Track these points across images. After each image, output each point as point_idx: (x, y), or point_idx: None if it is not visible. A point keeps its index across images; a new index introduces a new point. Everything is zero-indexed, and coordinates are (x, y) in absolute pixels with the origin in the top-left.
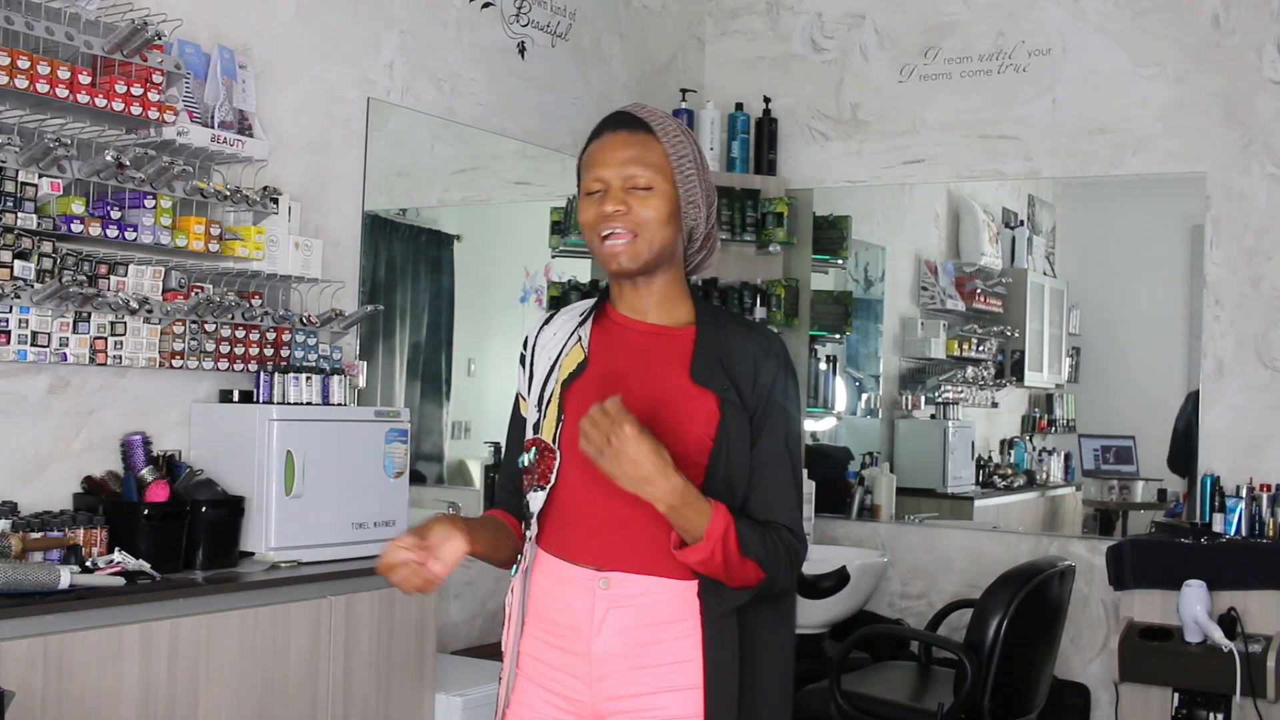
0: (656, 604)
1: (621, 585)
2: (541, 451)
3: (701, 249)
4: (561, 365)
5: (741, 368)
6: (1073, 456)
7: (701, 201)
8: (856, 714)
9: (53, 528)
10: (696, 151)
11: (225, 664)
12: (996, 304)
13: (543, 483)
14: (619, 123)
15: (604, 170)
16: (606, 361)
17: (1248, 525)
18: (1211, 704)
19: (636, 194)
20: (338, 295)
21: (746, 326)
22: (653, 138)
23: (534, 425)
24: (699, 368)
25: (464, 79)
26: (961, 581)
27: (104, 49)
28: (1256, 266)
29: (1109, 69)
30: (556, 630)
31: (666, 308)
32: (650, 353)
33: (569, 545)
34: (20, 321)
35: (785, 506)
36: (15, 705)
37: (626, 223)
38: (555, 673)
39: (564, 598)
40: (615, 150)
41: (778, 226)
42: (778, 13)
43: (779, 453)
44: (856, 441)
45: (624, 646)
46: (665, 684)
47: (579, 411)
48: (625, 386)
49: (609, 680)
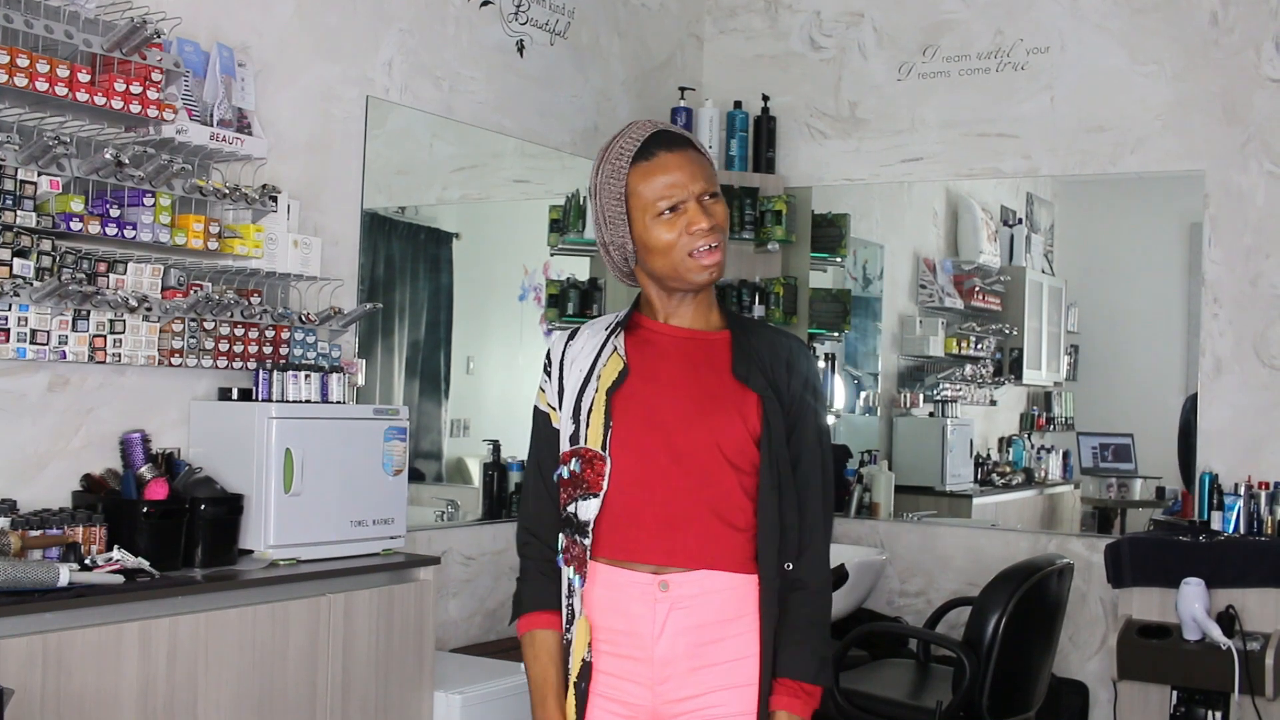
0: (715, 602)
1: (681, 586)
2: (589, 460)
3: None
4: (601, 375)
5: (775, 367)
6: (1071, 454)
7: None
8: (855, 712)
9: (52, 525)
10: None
11: (224, 662)
12: (995, 302)
13: (595, 490)
14: (669, 142)
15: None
16: (649, 367)
17: (1246, 523)
18: (1210, 702)
19: (711, 204)
20: (337, 293)
21: (771, 330)
22: (702, 154)
23: (570, 437)
24: (739, 367)
25: (463, 77)
26: (960, 579)
27: (103, 47)
28: (1255, 264)
29: (1107, 67)
30: (614, 638)
31: (702, 314)
32: (691, 355)
33: (630, 548)
34: (19, 319)
35: (819, 499)
36: (14, 703)
37: (719, 236)
38: (616, 680)
39: (622, 605)
40: (685, 167)
41: (776, 224)
42: (776, 11)
43: (813, 446)
44: (855, 439)
45: (686, 647)
46: (724, 682)
47: (627, 417)
48: (672, 387)
49: (671, 682)
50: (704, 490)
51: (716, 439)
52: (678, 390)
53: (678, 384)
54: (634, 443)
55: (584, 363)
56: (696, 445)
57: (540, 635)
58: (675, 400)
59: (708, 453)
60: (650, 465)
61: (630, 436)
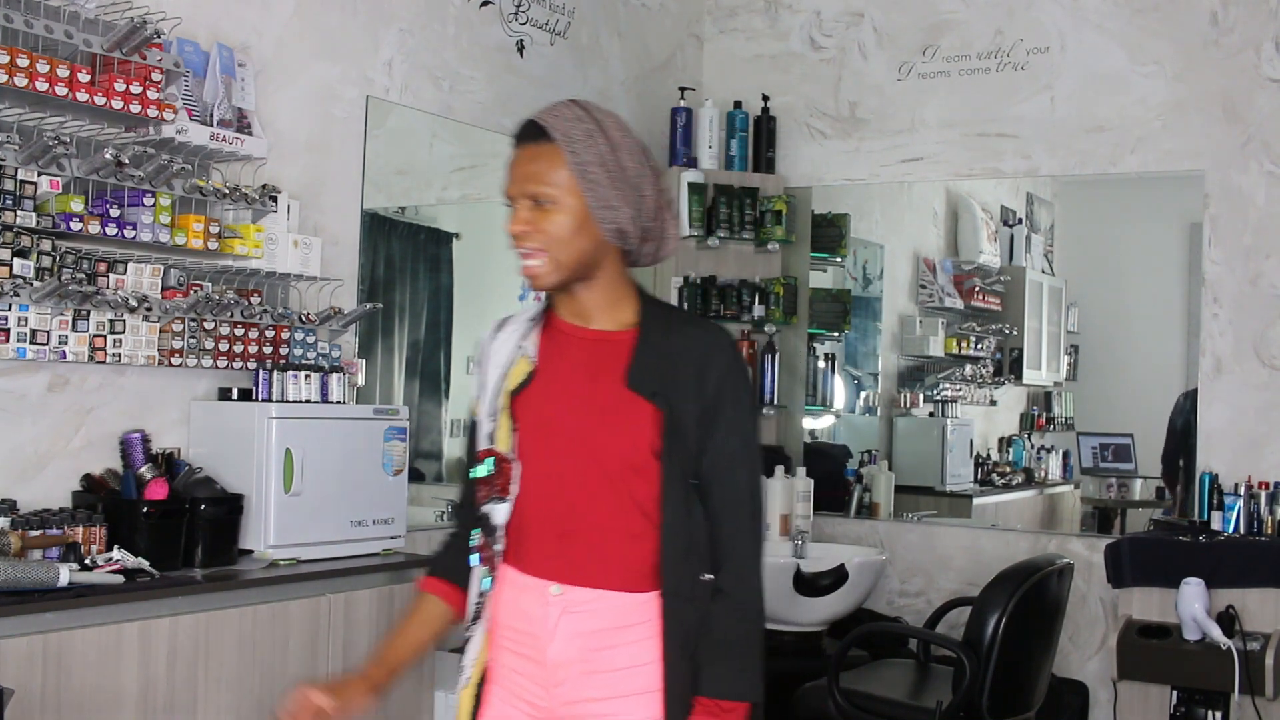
0: (610, 609)
1: (574, 592)
2: (499, 462)
3: (647, 241)
4: (510, 375)
5: (684, 370)
6: (1071, 454)
7: (621, 201)
8: (855, 712)
9: (52, 525)
10: (609, 149)
11: (224, 661)
12: (995, 302)
13: (504, 494)
14: (523, 135)
15: (510, 188)
16: (552, 371)
17: (1246, 523)
18: (1210, 702)
19: (541, 210)
20: (336, 293)
21: (693, 325)
22: (555, 147)
23: (488, 435)
24: (635, 375)
25: (463, 77)
26: (960, 579)
27: (103, 47)
28: (1255, 264)
29: (1107, 67)
30: (517, 637)
31: (609, 312)
32: (591, 360)
33: (524, 558)
34: (20, 319)
35: (744, 508)
36: (14, 703)
37: (535, 241)
38: (519, 678)
39: (522, 605)
40: (518, 166)
41: (776, 225)
42: (776, 11)
43: (734, 453)
44: (855, 439)
45: (579, 652)
46: (619, 689)
47: (527, 423)
48: (567, 396)
49: (566, 685)
50: (597, 507)
51: (603, 455)
52: (572, 400)
53: (572, 393)
54: (532, 451)
55: (501, 358)
56: (590, 460)
57: (427, 599)
58: (568, 411)
59: (595, 468)
60: (545, 477)
61: (529, 444)
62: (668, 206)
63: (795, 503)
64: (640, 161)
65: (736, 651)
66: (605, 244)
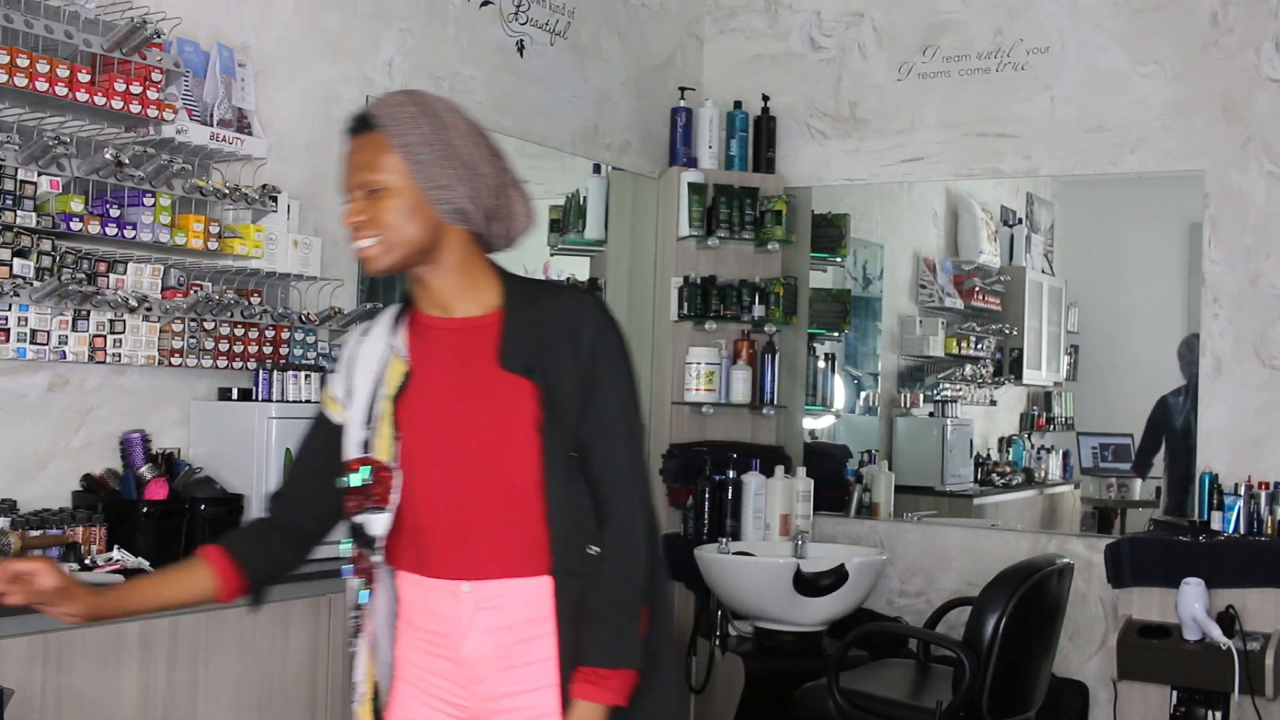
0: (521, 602)
1: (484, 587)
2: (378, 471)
3: (494, 221)
4: (388, 380)
5: (557, 341)
6: (1071, 454)
7: (455, 180)
8: (855, 712)
9: (52, 525)
10: (435, 130)
11: (224, 662)
12: (995, 302)
13: (383, 504)
14: (351, 128)
15: (351, 177)
16: (425, 368)
17: (1246, 523)
18: (1210, 702)
19: (374, 198)
20: (336, 293)
21: (559, 294)
22: (380, 134)
23: (362, 444)
24: (507, 354)
25: (463, 77)
26: (960, 579)
27: (103, 47)
28: (1255, 264)
29: (1107, 67)
30: (429, 637)
31: (470, 296)
32: (461, 349)
33: (426, 563)
34: (19, 319)
35: (624, 474)
36: (15, 702)
37: (371, 229)
38: (434, 678)
39: (431, 605)
40: (348, 158)
41: (776, 224)
42: (776, 11)
43: (612, 419)
44: (855, 439)
45: (495, 648)
46: (538, 682)
47: (411, 426)
48: (446, 389)
49: (484, 682)
50: (491, 497)
51: (490, 443)
52: (452, 392)
53: (451, 385)
54: (419, 454)
55: (372, 363)
56: (476, 451)
57: (198, 565)
58: (447, 406)
59: (489, 457)
60: (435, 478)
61: (415, 447)
62: (514, 185)
63: (795, 503)
64: (473, 141)
65: (614, 618)
66: (445, 226)
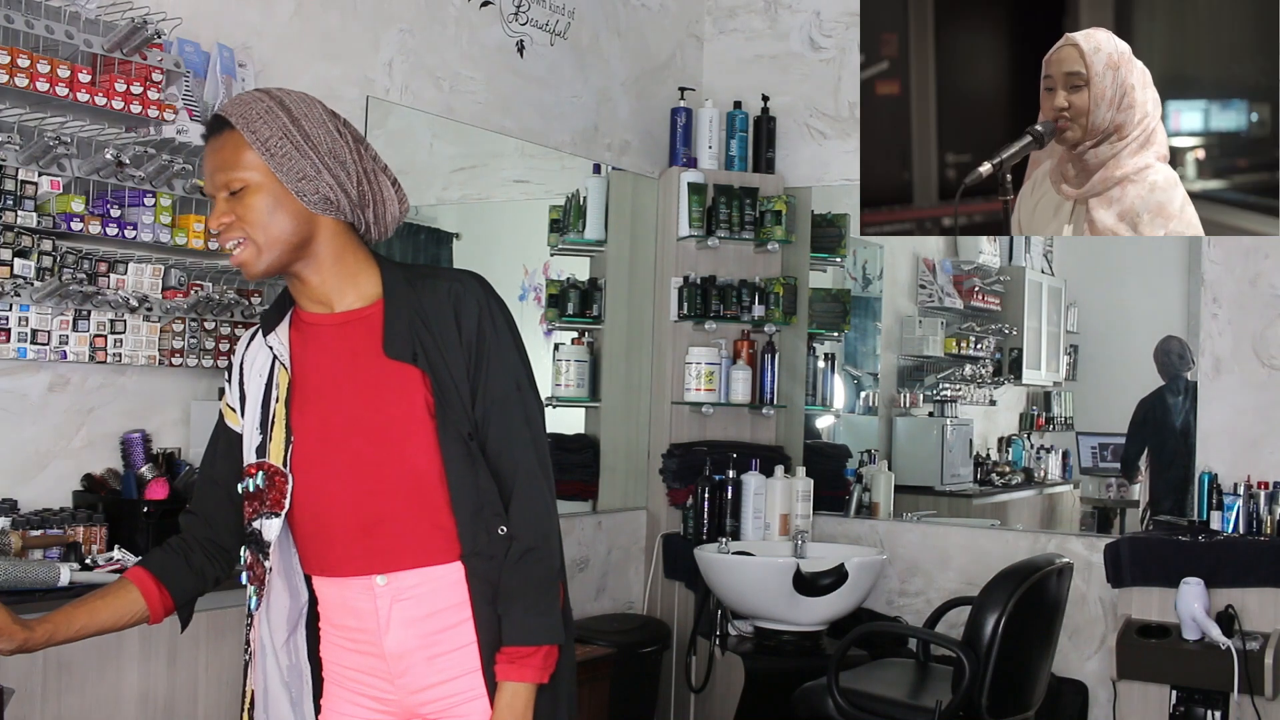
0: (437, 589)
1: (400, 578)
2: (271, 476)
3: (365, 207)
4: (278, 384)
5: (440, 324)
6: (1070, 454)
7: (317, 170)
8: (855, 711)
9: (52, 525)
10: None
11: (225, 662)
12: (994, 302)
13: (277, 509)
14: (208, 131)
15: (213, 178)
16: (311, 367)
17: (1245, 523)
18: (1209, 701)
19: (237, 198)
20: None
21: (438, 277)
22: (235, 132)
23: (257, 449)
24: (391, 343)
25: (463, 77)
26: (959, 579)
27: (104, 47)
28: (1254, 264)
29: None
30: (351, 635)
31: (350, 288)
32: (345, 342)
33: (329, 564)
34: (20, 319)
35: (523, 449)
36: (15, 702)
37: (239, 231)
38: (361, 675)
39: (349, 603)
40: (207, 161)
41: (776, 224)
42: (776, 11)
43: (504, 395)
44: (855, 439)
45: (416, 638)
46: (465, 667)
47: (307, 430)
48: (335, 386)
49: (411, 674)
50: (394, 489)
51: (384, 435)
52: (341, 389)
53: (340, 381)
54: (317, 455)
55: (263, 368)
56: (374, 444)
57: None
58: (343, 400)
59: (387, 449)
60: (331, 477)
61: (312, 448)
62: (383, 171)
63: (795, 503)
64: (330, 129)
65: (528, 596)
66: (315, 217)
